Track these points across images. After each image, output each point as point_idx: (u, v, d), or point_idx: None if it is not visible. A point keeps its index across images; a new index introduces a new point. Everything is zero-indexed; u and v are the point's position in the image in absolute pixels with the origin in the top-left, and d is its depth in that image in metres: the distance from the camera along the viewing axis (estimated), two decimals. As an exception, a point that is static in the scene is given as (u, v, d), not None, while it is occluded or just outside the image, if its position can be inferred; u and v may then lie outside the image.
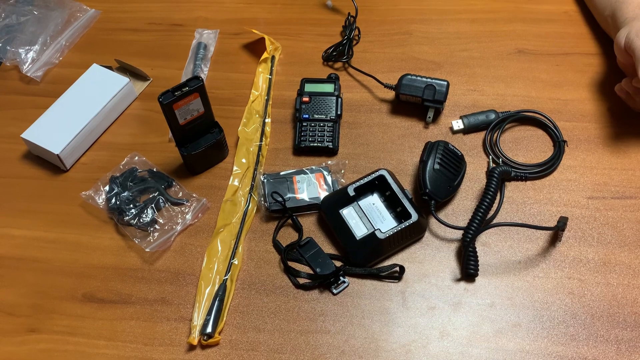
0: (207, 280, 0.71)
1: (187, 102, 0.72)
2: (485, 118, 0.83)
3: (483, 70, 0.90)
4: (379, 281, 0.71)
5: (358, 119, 0.86)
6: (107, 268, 0.74)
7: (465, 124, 0.82)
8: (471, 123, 0.82)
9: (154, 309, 0.70)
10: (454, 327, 0.68)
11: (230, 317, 0.69)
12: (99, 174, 0.80)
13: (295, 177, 0.78)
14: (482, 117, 0.83)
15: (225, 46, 0.96)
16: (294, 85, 0.88)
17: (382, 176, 0.74)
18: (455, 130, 0.83)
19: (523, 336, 0.67)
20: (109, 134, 0.86)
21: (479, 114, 0.83)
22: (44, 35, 0.95)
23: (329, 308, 0.69)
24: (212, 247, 0.73)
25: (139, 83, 0.91)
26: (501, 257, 0.72)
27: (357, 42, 0.95)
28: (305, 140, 0.82)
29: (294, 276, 0.72)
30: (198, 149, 0.77)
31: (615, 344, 0.66)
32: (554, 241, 0.73)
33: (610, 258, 0.72)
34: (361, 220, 0.73)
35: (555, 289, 0.70)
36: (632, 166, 0.79)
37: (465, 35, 0.95)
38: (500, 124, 0.83)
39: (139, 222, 0.75)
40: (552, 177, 0.78)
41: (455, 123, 0.83)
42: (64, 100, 0.85)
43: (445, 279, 0.71)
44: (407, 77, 0.84)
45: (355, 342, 0.67)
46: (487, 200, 0.73)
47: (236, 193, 0.78)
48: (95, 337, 0.68)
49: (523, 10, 0.97)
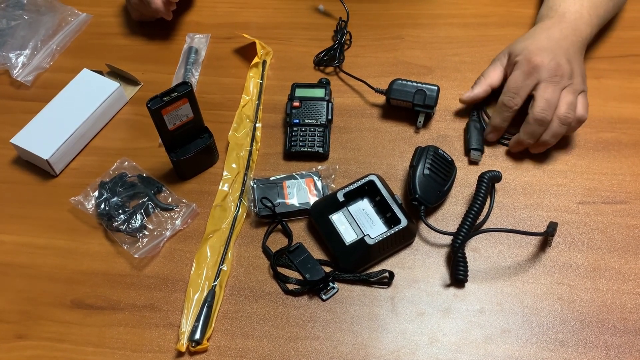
0: (195, 286, 0.71)
1: (176, 108, 0.72)
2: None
3: (474, 75, 0.89)
4: (368, 287, 0.71)
5: (349, 123, 0.86)
6: (96, 274, 0.73)
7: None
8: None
9: (143, 315, 0.70)
10: (443, 333, 0.67)
11: (218, 323, 0.69)
12: (89, 179, 0.80)
13: (285, 182, 0.78)
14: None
15: (217, 50, 0.95)
16: (285, 89, 0.88)
17: (372, 181, 0.74)
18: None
19: (512, 342, 0.67)
20: (99, 138, 0.86)
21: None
22: (35, 40, 0.94)
23: (318, 314, 0.69)
24: (201, 253, 0.73)
25: (129, 88, 0.91)
26: (491, 262, 0.72)
27: (348, 46, 0.95)
28: (296, 145, 0.81)
29: (283, 282, 0.71)
30: (188, 154, 0.77)
31: (604, 349, 0.66)
32: (544, 246, 0.73)
33: (600, 263, 0.71)
34: (351, 225, 0.73)
35: (545, 295, 0.69)
36: (623, 171, 0.79)
37: (456, 40, 0.95)
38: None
39: (128, 228, 0.75)
40: (542, 182, 0.78)
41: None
42: (53, 105, 0.84)
43: (434, 284, 0.71)
44: (397, 82, 0.84)
45: (344, 348, 0.67)
46: (477, 206, 0.72)
47: (226, 198, 0.78)
48: (84, 344, 0.68)
49: (514, 15, 0.97)
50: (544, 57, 0.77)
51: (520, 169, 0.80)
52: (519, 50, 0.80)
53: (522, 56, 0.78)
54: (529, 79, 0.77)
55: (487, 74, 0.83)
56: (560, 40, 0.79)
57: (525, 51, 0.79)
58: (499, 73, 0.83)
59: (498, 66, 0.83)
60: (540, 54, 0.77)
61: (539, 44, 0.79)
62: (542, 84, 0.76)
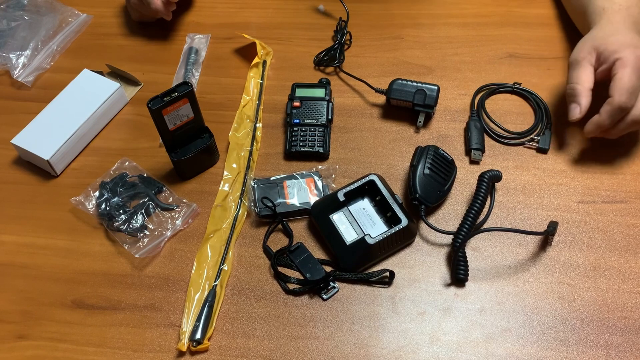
0: (196, 286, 0.71)
1: (176, 108, 0.72)
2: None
3: (474, 75, 0.90)
4: (369, 286, 0.71)
5: (349, 123, 0.86)
6: (97, 274, 0.73)
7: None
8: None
9: (144, 315, 0.70)
10: (443, 333, 0.68)
11: (219, 323, 0.69)
12: (89, 179, 0.80)
13: (285, 182, 0.78)
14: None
15: (217, 51, 0.96)
16: (285, 89, 0.88)
17: (372, 181, 0.74)
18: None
19: (513, 341, 0.67)
20: (99, 139, 0.86)
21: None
22: (35, 40, 0.95)
23: (319, 314, 0.69)
24: (202, 253, 0.73)
25: (130, 88, 0.91)
26: (491, 261, 0.72)
27: (348, 46, 0.95)
28: (296, 145, 0.82)
29: (284, 282, 0.71)
30: (188, 154, 0.77)
31: (605, 349, 0.66)
32: (544, 246, 0.73)
33: (600, 262, 0.72)
34: (351, 225, 0.73)
35: (545, 294, 0.70)
36: (623, 170, 0.79)
37: (456, 40, 0.95)
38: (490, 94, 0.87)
39: (128, 228, 0.75)
40: (542, 181, 0.78)
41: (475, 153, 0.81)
42: (54, 105, 0.84)
43: (435, 284, 0.71)
44: (397, 81, 0.84)
45: (345, 347, 0.67)
46: (477, 205, 0.72)
47: (226, 198, 0.78)
48: (85, 344, 0.68)
49: (514, 15, 0.97)
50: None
51: (520, 169, 0.80)
52: (617, 46, 0.73)
53: (628, 52, 0.72)
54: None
55: (581, 80, 0.75)
56: (638, 24, 0.77)
57: (627, 47, 0.73)
58: (591, 75, 0.75)
59: (587, 67, 0.75)
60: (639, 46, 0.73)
61: (633, 39, 0.74)
62: None
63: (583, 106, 0.74)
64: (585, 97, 0.74)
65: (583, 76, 0.75)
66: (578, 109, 0.74)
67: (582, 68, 0.76)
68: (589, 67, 0.75)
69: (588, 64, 0.75)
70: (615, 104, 0.72)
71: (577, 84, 0.75)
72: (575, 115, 0.75)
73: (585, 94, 0.74)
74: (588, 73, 0.75)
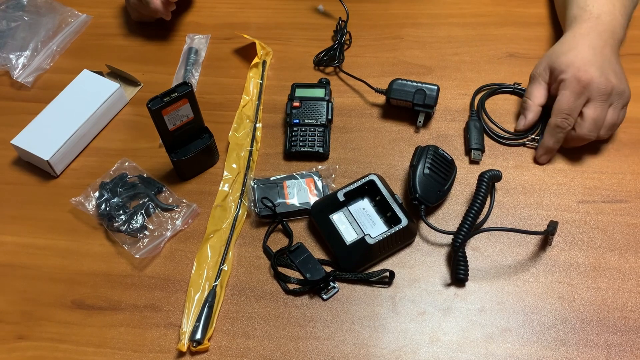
0: (196, 286, 0.71)
1: (176, 108, 0.72)
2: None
3: (474, 75, 0.90)
4: (369, 286, 0.71)
5: (349, 123, 0.86)
6: (97, 274, 0.73)
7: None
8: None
9: (144, 315, 0.70)
10: (444, 333, 0.67)
11: (219, 323, 0.69)
12: (89, 179, 0.80)
13: (285, 182, 0.78)
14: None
15: (217, 51, 0.95)
16: (285, 90, 0.88)
17: (372, 181, 0.74)
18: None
19: (513, 341, 0.67)
20: (99, 139, 0.86)
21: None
22: (35, 41, 0.95)
23: (319, 314, 0.69)
24: (202, 253, 0.73)
25: (129, 88, 0.91)
26: (491, 261, 0.72)
27: (348, 46, 0.95)
28: (296, 145, 0.82)
29: (284, 282, 0.71)
30: (188, 155, 0.77)
31: (605, 348, 0.66)
32: (544, 245, 0.73)
33: (600, 262, 0.71)
34: (351, 225, 0.73)
35: (545, 294, 0.70)
36: (623, 170, 0.79)
37: (456, 39, 0.95)
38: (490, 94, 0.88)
39: (128, 228, 0.75)
40: (542, 181, 0.78)
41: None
42: (54, 106, 0.84)
43: (435, 284, 0.71)
44: (397, 81, 0.84)
45: (345, 347, 0.67)
46: (477, 205, 0.72)
47: (226, 198, 0.78)
48: (85, 344, 0.68)
49: (514, 14, 0.97)
50: (592, 72, 0.74)
51: (520, 168, 0.80)
52: (564, 66, 0.76)
53: (570, 74, 0.75)
54: (580, 98, 0.74)
55: (533, 95, 0.81)
56: (603, 49, 0.77)
57: (571, 68, 0.75)
58: (544, 91, 0.80)
59: (541, 84, 0.80)
60: (588, 69, 0.74)
61: (584, 57, 0.75)
62: (592, 103, 0.74)
63: (528, 120, 0.81)
64: (533, 112, 0.81)
65: (536, 92, 0.81)
66: (523, 121, 0.81)
67: (535, 84, 0.81)
68: (542, 84, 0.81)
69: (542, 81, 0.81)
70: (551, 124, 0.77)
71: (529, 99, 0.81)
72: (520, 126, 0.82)
73: (533, 109, 0.81)
74: (541, 89, 0.81)
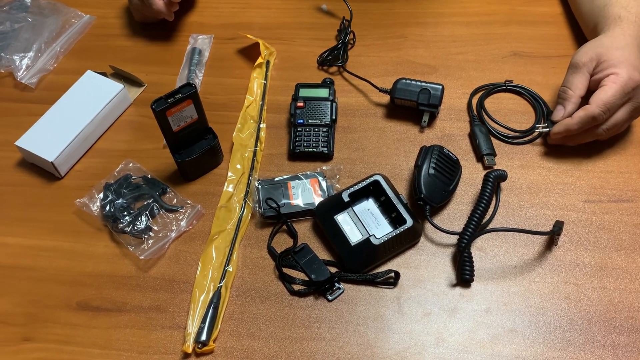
0: (201, 287, 0.71)
1: (180, 109, 0.72)
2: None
3: (479, 74, 0.90)
4: (374, 287, 0.71)
5: (353, 123, 0.85)
6: (102, 276, 0.73)
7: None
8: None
9: (149, 316, 0.70)
10: (449, 333, 0.67)
11: (224, 324, 0.69)
12: (94, 181, 0.80)
13: (290, 182, 0.78)
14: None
15: (220, 51, 0.95)
16: (289, 90, 0.87)
17: (377, 181, 0.74)
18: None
19: (519, 342, 0.66)
20: (103, 140, 0.86)
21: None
22: (39, 42, 0.95)
23: (324, 315, 0.69)
24: (207, 254, 0.73)
25: (133, 89, 0.91)
26: (497, 262, 0.72)
27: (352, 46, 0.95)
28: (300, 145, 0.81)
29: (288, 283, 0.71)
30: (192, 156, 0.77)
31: (612, 349, 0.65)
32: (550, 245, 0.73)
33: (606, 262, 0.71)
34: (356, 226, 0.73)
35: (552, 294, 0.69)
36: (629, 169, 0.78)
37: (460, 39, 0.94)
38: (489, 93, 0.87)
39: (133, 230, 0.75)
40: (548, 181, 0.78)
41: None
42: (58, 107, 0.84)
43: (440, 284, 0.71)
44: (401, 81, 0.83)
45: (351, 349, 0.67)
46: (483, 205, 0.72)
47: (231, 199, 0.78)
48: (90, 346, 0.68)
49: (518, 13, 0.97)
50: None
51: (525, 168, 0.79)
52: (617, 62, 0.74)
53: (625, 71, 0.72)
54: (625, 97, 0.73)
55: (574, 86, 0.76)
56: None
57: (626, 65, 0.73)
58: (586, 82, 0.76)
59: (585, 74, 0.76)
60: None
61: (637, 59, 0.74)
62: (627, 105, 0.74)
63: (567, 111, 0.77)
64: (573, 103, 0.76)
65: (578, 83, 0.76)
66: (562, 112, 0.77)
67: (579, 74, 0.77)
68: (586, 75, 0.76)
69: (586, 72, 0.76)
70: (589, 113, 0.73)
71: (570, 88, 0.77)
72: (558, 117, 0.77)
73: (573, 100, 0.76)
74: (583, 80, 0.76)
